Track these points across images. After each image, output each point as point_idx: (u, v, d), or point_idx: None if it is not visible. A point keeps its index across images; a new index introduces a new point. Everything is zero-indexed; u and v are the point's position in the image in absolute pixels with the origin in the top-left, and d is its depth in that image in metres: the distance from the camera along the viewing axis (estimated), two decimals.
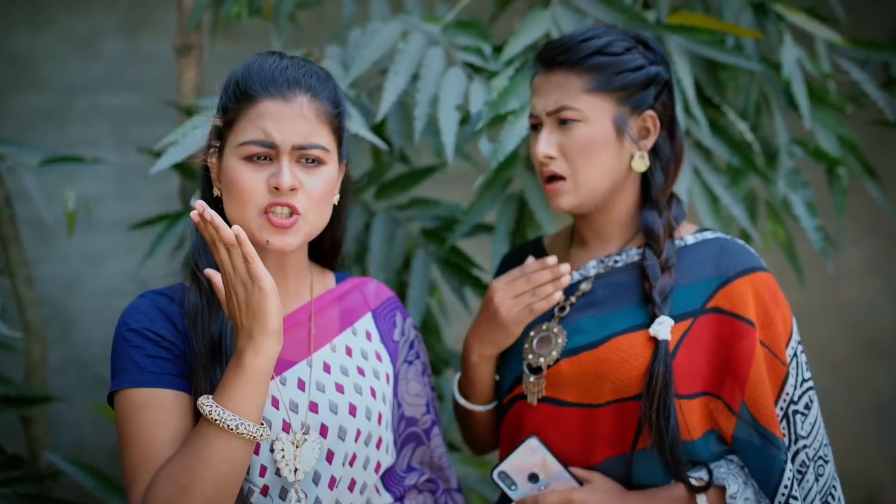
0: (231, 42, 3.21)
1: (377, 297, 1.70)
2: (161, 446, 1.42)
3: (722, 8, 2.37)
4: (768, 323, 1.64)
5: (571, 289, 1.73)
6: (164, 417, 1.44)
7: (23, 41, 3.40)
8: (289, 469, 1.47)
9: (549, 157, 1.66)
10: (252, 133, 1.49)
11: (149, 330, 1.49)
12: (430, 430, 1.72)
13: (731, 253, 1.67)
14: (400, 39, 2.26)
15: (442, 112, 2.13)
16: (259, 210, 1.49)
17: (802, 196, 2.42)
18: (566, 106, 1.64)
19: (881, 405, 3.94)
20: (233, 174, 1.49)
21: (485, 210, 2.37)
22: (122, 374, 1.47)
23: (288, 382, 1.53)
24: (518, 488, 1.64)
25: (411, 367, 1.71)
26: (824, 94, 2.46)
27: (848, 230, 3.60)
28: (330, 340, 1.60)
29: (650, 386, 1.57)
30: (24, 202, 2.67)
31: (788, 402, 1.63)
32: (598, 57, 1.65)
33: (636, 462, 1.62)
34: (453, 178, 2.83)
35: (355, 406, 1.55)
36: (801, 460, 1.62)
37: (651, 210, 1.69)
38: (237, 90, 1.52)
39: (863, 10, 3.00)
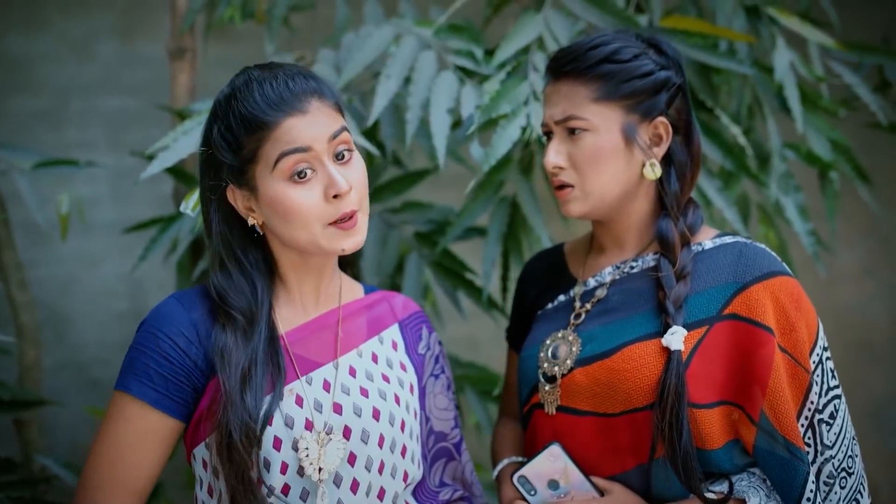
0: (224, 45, 3.20)
1: (404, 310, 1.73)
2: (125, 470, 1.51)
3: (715, 11, 2.38)
4: (790, 329, 1.58)
5: (587, 295, 1.72)
6: (144, 441, 1.52)
7: (17, 44, 3.40)
8: (313, 468, 1.48)
9: (559, 168, 1.65)
10: (281, 147, 1.48)
11: (168, 338, 1.53)
12: (460, 444, 1.73)
13: (749, 257, 1.62)
14: (392, 43, 2.26)
15: (434, 116, 2.14)
16: (324, 224, 1.50)
17: (795, 200, 2.42)
18: (573, 115, 1.63)
19: (876, 407, 3.94)
20: (282, 198, 1.49)
21: (477, 213, 2.37)
22: (132, 377, 1.52)
23: (314, 382, 1.54)
24: (538, 494, 1.62)
25: (438, 381, 1.71)
26: (817, 98, 2.46)
27: (842, 233, 3.61)
28: (357, 346, 1.62)
29: (662, 397, 1.54)
30: (17, 205, 2.66)
31: (813, 410, 1.57)
32: (605, 65, 1.63)
33: (655, 473, 1.58)
34: (446, 182, 2.83)
35: (379, 410, 1.56)
36: (829, 471, 1.57)
37: (665, 218, 1.66)
38: (248, 123, 1.49)
39: (855, 14, 3.00)
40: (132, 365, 1.53)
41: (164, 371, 1.52)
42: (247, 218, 1.55)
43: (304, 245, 1.53)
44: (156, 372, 1.51)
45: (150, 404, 1.51)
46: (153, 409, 1.52)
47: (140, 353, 1.53)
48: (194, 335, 1.53)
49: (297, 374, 1.54)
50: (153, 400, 1.51)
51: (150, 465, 1.53)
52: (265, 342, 1.53)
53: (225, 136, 1.52)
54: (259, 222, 1.55)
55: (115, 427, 1.52)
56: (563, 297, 1.76)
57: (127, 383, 1.53)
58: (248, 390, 1.49)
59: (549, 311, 1.77)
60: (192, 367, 1.53)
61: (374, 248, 2.49)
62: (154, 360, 1.52)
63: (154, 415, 1.52)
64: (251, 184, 1.52)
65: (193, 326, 1.53)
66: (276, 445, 1.48)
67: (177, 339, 1.52)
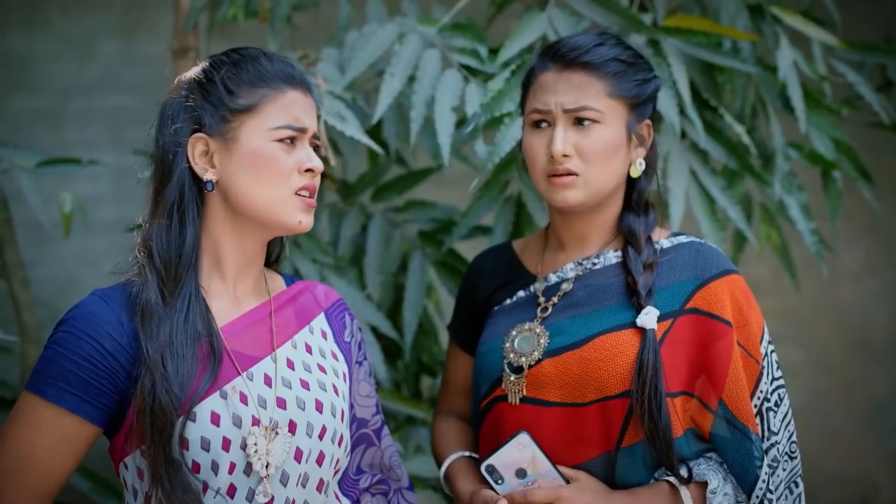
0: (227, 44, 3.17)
1: (327, 299, 1.71)
2: (34, 475, 1.45)
3: (718, 10, 2.38)
4: (743, 323, 1.68)
5: (551, 290, 1.76)
6: (58, 448, 1.45)
7: (18, 43, 3.39)
8: (261, 463, 1.46)
9: (566, 156, 1.68)
10: (284, 119, 1.53)
11: (93, 340, 1.45)
12: (381, 430, 1.73)
13: (706, 256, 1.71)
14: (396, 42, 2.26)
15: (438, 114, 2.14)
16: (291, 191, 1.53)
17: (798, 199, 2.42)
18: (588, 106, 1.67)
19: (876, 406, 3.94)
20: (269, 155, 1.52)
21: (482, 212, 2.37)
22: (48, 380, 1.45)
23: (255, 378, 1.51)
24: (505, 483, 1.65)
25: (361, 367, 1.71)
26: (820, 97, 2.46)
27: (843, 232, 3.61)
28: (290, 337, 1.60)
29: (641, 375, 1.61)
30: (18, 204, 2.66)
31: (762, 399, 1.67)
32: (616, 63, 1.69)
33: (620, 460, 1.64)
34: (450, 180, 2.83)
35: (322, 402, 1.55)
36: (774, 455, 1.67)
37: (632, 213, 1.75)
38: (257, 77, 1.54)
39: (858, 13, 3.01)
40: (48, 367, 1.45)
41: (86, 374, 1.44)
42: (202, 172, 1.53)
43: (264, 208, 1.52)
44: (76, 375, 1.44)
45: (68, 410, 1.44)
46: (70, 415, 1.44)
47: (58, 355, 1.45)
48: (123, 336, 1.46)
49: (238, 371, 1.50)
50: (71, 405, 1.44)
51: (61, 470, 1.46)
52: (192, 315, 1.48)
53: (225, 81, 1.54)
54: (215, 179, 1.53)
55: (25, 432, 1.45)
56: (523, 293, 1.80)
57: (42, 387, 1.44)
58: (169, 358, 1.44)
59: (507, 306, 1.80)
60: (119, 370, 1.46)
61: (377, 247, 2.49)
62: (74, 363, 1.44)
63: (71, 421, 1.44)
64: (231, 134, 1.52)
65: (122, 326, 1.46)
66: (224, 446, 1.45)
67: (102, 341, 1.45)
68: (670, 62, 2.21)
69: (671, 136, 2.27)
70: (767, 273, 3.73)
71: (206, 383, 1.46)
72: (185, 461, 1.44)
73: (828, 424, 3.89)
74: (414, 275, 2.47)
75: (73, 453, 1.47)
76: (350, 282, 2.41)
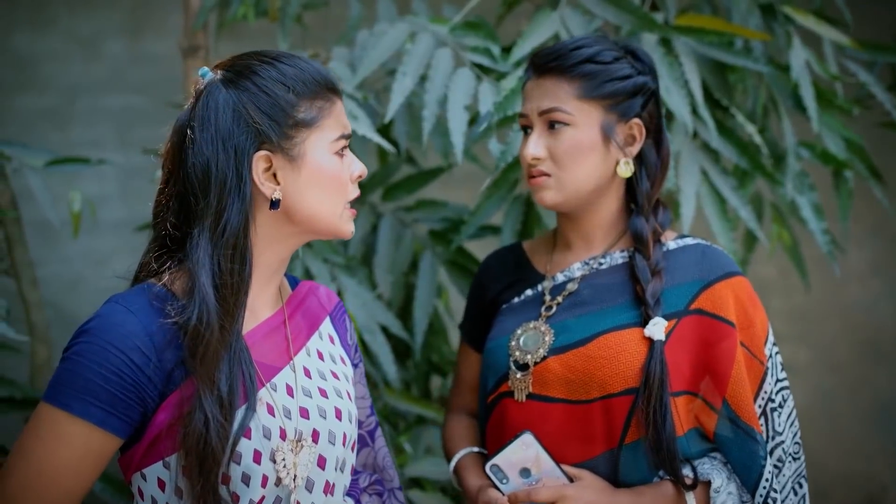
0: (236, 43, 3.18)
1: (329, 301, 1.69)
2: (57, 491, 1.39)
3: (730, 10, 2.37)
4: (748, 325, 1.70)
5: (557, 289, 1.78)
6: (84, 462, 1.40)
7: (25, 42, 3.39)
8: (289, 477, 1.45)
9: (537, 159, 1.72)
10: (339, 129, 1.52)
11: (121, 353, 1.39)
12: (374, 431, 1.73)
13: (711, 258, 1.73)
14: (407, 40, 2.25)
15: (451, 113, 2.13)
16: (347, 202, 1.54)
17: (809, 199, 2.42)
18: (557, 108, 1.70)
19: (883, 406, 3.94)
20: (334, 169, 1.51)
21: (491, 211, 2.36)
22: (72, 394, 1.39)
23: (278, 388, 1.49)
24: (510, 482, 1.66)
25: (357, 369, 1.70)
26: (832, 97, 2.46)
27: (851, 232, 3.61)
28: (304, 345, 1.58)
29: (647, 384, 1.63)
30: (27, 203, 2.65)
31: (766, 399, 1.70)
32: (588, 65, 1.71)
33: (623, 458, 1.66)
34: (460, 180, 2.82)
35: (341, 410, 1.55)
36: (778, 455, 1.69)
37: (639, 216, 1.76)
38: (315, 89, 1.50)
39: (869, 12, 3.00)
40: (72, 379, 1.39)
41: (113, 388, 1.38)
42: (267, 190, 1.45)
43: (324, 222, 1.50)
44: (103, 388, 1.38)
45: (96, 424, 1.38)
46: (97, 429, 1.39)
47: (83, 367, 1.39)
48: (151, 348, 1.40)
49: (263, 381, 1.47)
50: (99, 420, 1.38)
51: (84, 484, 1.42)
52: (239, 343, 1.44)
53: (286, 96, 1.46)
54: (280, 196, 1.46)
55: (48, 445, 1.39)
56: (531, 292, 1.82)
57: (66, 400, 1.38)
58: (225, 378, 1.40)
59: (515, 304, 1.82)
60: (146, 383, 1.41)
61: (387, 246, 2.48)
62: (101, 377, 1.38)
63: (98, 435, 1.39)
64: (296, 150, 1.46)
65: (150, 338, 1.40)
66: (255, 459, 1.43)
67: (131, 355, 1.39)
68: (682, 61, 2.21)
69: (682, 135, 2.27)
70: (775, 273, 3.73)
71: (251, 400, 1.43)
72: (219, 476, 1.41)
73: (834, 424, 3.89)
74: (424, 274, 2.47)
75: (97, 466, 1.42)
76: (360, 281, 2.40)
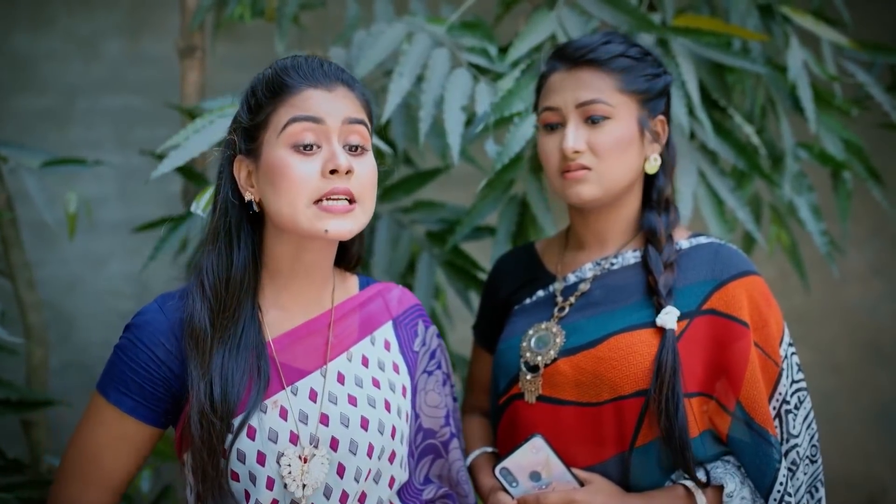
0: (234, 44, 3.20)
1: (400, 305, 1.67)
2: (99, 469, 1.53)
3: (728, 10, 2.36)
4: (762, 325, 1.67)
5: (569, 290, 1.76)
6: (120, 446, 1.53)
7: (23, 42, 3.39)
8: (296, 485, 1.45)
9: (577, 152, 1.68)
10: (291, 113, 1.46)
11: (147, 349, 1.51)
12: (449, 442, 1.69)
13: (725, 257, 1.71)
14: (404, 41, 2.25)
15: (447, 113, 2.13)
16: (310, 200, 1.45)
17: (808, 200, 2.41)
18: (599, 100, 1.68)
19: (884, 407, 3.93)
20: (280, 164, 1.45)
21: (486, 212, 2.35)
22: (109, 381, 1.53)
23: (300, 393, 1.50)
24: (519, 485, 1.65)
25: (431, 377, 1.67)
26: (830, 97, 2.45)
27: (851, 233, 3.59)
28: (347, 350, 1.57)
29: (659, 374, 1.60)
30: (24, 204, 2.65)
31: (781, 401, 1.67)
32: (624, 59, 1.70)
33: (634, 461, 1.64)
34: (456, 181, 2.82)
35: (367, 420, 1.52)
36: (793, 458, 1.66)
37: (653, 211, 1.75)
38: (272, 85, 1.49)
39: (868, 13, 2.99)
40: (113, 370, 1.53)
41: (141, 381, 1.51)
42: (245, 193, 1.51)
43: (287, 221, 1.47)
44: (132, 381, 1.50)
45: (126, 412, 1.51)
46: (128, 417, 1.51)
47: (119, 360, 1.52)
48: (173, 342, 1.51)
49: (283, 385, 1.49)
50: (129, 409, 1.51)
51: (125, 466, 1.54)
52: (245, 335, 1.49)
53: (248, 99, 1.52)
54: (256, 199, 1.50)
55: (91, 428, 1.54)
56: (543, 293, 1.80)
57: (105, 388, 1.53)
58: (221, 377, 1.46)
59: (527, 305, 1.81)
60: (171, 377, 1.51)
61: (385, 247, 2.48)
62: (131, 370, 1.51)
63: (130, 422, 1.52)
64: (257, 151, 1.49)
65: (172, 333, 1.51)
66: (259, 461, 1.45)
67: (156, 350, 1.51)
68: (679, 62, 2.20)
69: (680, 136, 2.26)
70: (775, 274, 3.72)
71: (256, 399, 1.47)
72: (226, 470, 1.46)
73: (835, 425, 3.88)
74: (422, 275, 2.46)
75: (135, 452, 1.54)
76: None
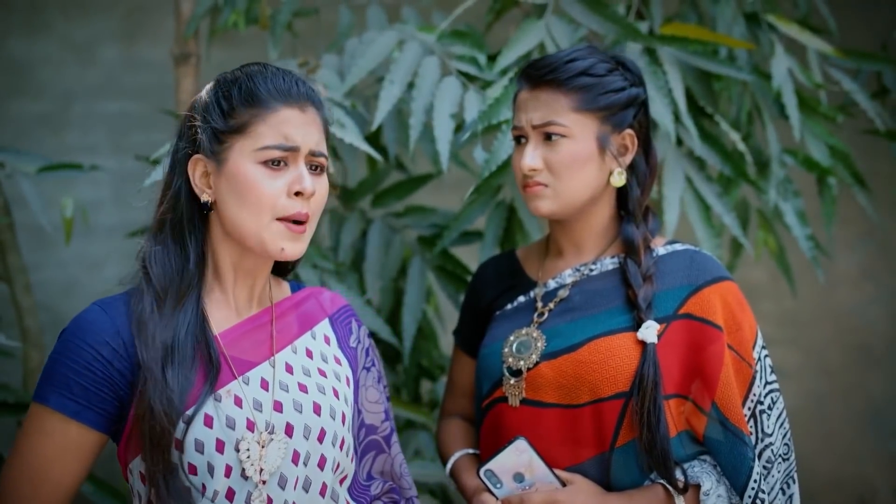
0: (228, 50, 3.22)
1: (333, 305, 1.72)
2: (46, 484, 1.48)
3: (715, 18, 2.39)
4: (736, 328, 1.73)
5: (549, 296, 1.81)
6: (66, 456, 1.48)
7: (19, 47, 3.41)
8: (254, 469, 1.47)
9: (534, 170, 1.74)
10: (274, 138, 1.50)
11: (92, 349, 1.49)
12: (390, 437, 1.73)
13: (700, 263, 1.77)
14: (395, 48, 2.28)
15: (437, 121, 2.16)
16: (273, 216, 1.50)
17: (793, 205, 2.44)
18: (553, 121, 1.73)
19: (874, 410, 3.96)
20: (250, 178, 1.50)
21: (474, 217, 2.38)
22: (50, 389, 1.48)
23: (251, 382, 1.53)
24: (503, 487, 1.69)
25: (369, 373, 1.72)
26: (816, 104, 2.48)
27: (841, 237, 3.63)
28: (291, 342, 1.62)
29: (641, 387, 1.66)
30: (19, 209, 2.68)
31: (756, 402, 1.72)
32: (583, 77, 1.74)
33: (615, 461, 1.69)
34: (449, 186, 2.84)
35: (319, 405, 1.56)
36: (767, 457, 1.71)
37: (630, 223, 1.80)
38: (247, 95, 1.53)
39: (854, 21, 3.02)
40: (51, 376, 1.49)
41: (86, 382, 1.48)
42: (200, 193, 1.54)
43: (248, 234, 1.51)
44: (76, 383, 1.47)
45: (70, 417, 1.47)
46: (73, 422, 1.48)
47: (59, 364, 1.49)
48: (120, 343, 1.49)
49: (234, 375, 1.52)
50: (73, 412, 1.47)
51: (71, 478, 1.50)
52: (191, 325, 1.50)
53: (220, 101, 1.54)
54: (211, 200, 1.54)
55: (34, 441, 1.49)
56: (524, 298, 1.85)
57: (45, 395, 1.48)
58: (169, 367, 1.46)
59: (508, 311, 1.86)
60: (117, 377, 1.49)
61: (377, 252, 2.50)
62: (74, 371, 1.48)
63: (74, 427, 1.48)
64: (222, 155, 1.52)
65: (118, 334, 1.50)
66: (218, 448, 1.47)
67: (101, 349, 1.48)
68: (666, 70, 2.23)
69: (667, 143, 2.29)
70: (765, 277, 3.75)
71: (207, 389, 1.48)
72: (182, 464, 1.46)
73: (825, 427, 3.90)
74: (413, 280, 2.49)
75: (81, 460, 1.50)
76: (350, 287, 2.42)
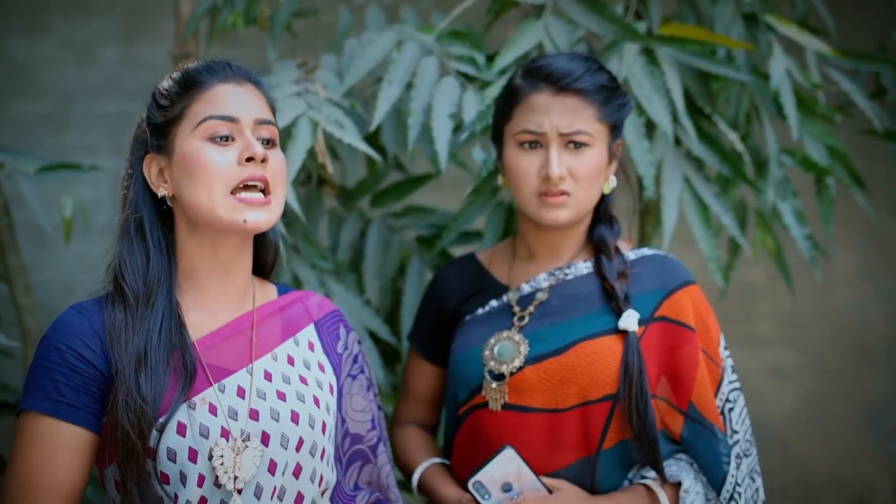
0: (227, 51, 3.20)
1: (320, 310, 1.70)
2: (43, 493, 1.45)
3: (713, 19, 2.40)
4: (704, 330, 1.80)
5: (526, 300, 1.82)
6: (60, 459, 1.45)
7: (20, 48, 3.42)
8: (228, 476, 1.45)
9: (562, 178, 1.75)
10: (211, 110, 1.51)
11: (72, 350, 1.48)
12: (377, 447, 1.70)
13: (670, 268, 1.82)
14: (394, 49, 2.28)
15: (435, 121, 2.16)
16: (227, 190, 1.50)
17: (791, 205, 2.45)
18: (582, 130, 1.75)
19: (872, 410, 3.96)
20: (196, 154, 1.50)
21: (473, 217, 2.39)
22: (38, 394, 1.47)
23: (227, 390, 1.51)
24: (491, 497, 1.69)
25: (355, 381, 1.69)
26: (814, 105, 2.48)
27: (840, 237, 3.63)
28: (272, 349, 1.59)
29: (627, 375, 1.69)
30: (18, 209, 2.68)
31: (724, 400, 1.78)
32: (605, 90, 1.78)
33: (600, 464, 1.71)
34: (448, 186, 2.85)
35: (297, 413, 1.54)
36: (737, 452, 1.76)
37: (602, 224, 1.84)
38: (183, 82, 1.54)
39: (852, 21, 3.03)
40: (37, 382, 1.48)
41: (74, 383, 1.47)
42: (157, 189, 1.54)
43: (204, 211, 1.50)
44: (65, 385, 1.46)
45: (62, 419, 1.46)
46: (66, 424, 1.46)
47: (43, 368, 1.48)
48: (97, 344, 1.49)
49: (210, 382, 1.50)
50: (66, 415, 1.46)
51: (71, 482, 1.47)
52: (164, 329, 1.49)
53: (159, 99, 1.56)
54: (169, 194, 1.54)
55: (27, 449, 1.46)
56: (496, 303, 1.85)
57: (34, 402, 1.47)
58: (142, 372, 1.45)
59: (480, 315, 1.85)
60: (99, 376, 1.48)
61: (376, 252, 2.51)
62: (61, 374, 1.47)
63: (67, 430, 1.46)
64: (170, 146, 1.53)
65: (95, 335, 1.50)
66: (191, 457, 1.44)
67: (81, 350, 1.48)
68: (664, 70, 2.23)
69: (665, 143, 2.29)
70: (764, 277, 3.75)
71: (179, 397, 1.47)
72: (155, 473, 1.44)
73: (824, 428, 3.91)
74: (412, 280, 2.49)
75: (77, 462, 1.48)
76: (349, 287, 2.43)
